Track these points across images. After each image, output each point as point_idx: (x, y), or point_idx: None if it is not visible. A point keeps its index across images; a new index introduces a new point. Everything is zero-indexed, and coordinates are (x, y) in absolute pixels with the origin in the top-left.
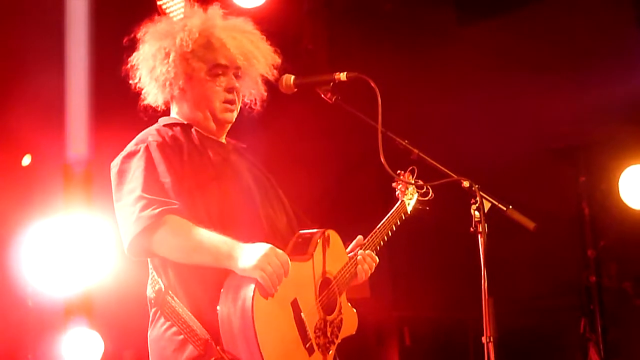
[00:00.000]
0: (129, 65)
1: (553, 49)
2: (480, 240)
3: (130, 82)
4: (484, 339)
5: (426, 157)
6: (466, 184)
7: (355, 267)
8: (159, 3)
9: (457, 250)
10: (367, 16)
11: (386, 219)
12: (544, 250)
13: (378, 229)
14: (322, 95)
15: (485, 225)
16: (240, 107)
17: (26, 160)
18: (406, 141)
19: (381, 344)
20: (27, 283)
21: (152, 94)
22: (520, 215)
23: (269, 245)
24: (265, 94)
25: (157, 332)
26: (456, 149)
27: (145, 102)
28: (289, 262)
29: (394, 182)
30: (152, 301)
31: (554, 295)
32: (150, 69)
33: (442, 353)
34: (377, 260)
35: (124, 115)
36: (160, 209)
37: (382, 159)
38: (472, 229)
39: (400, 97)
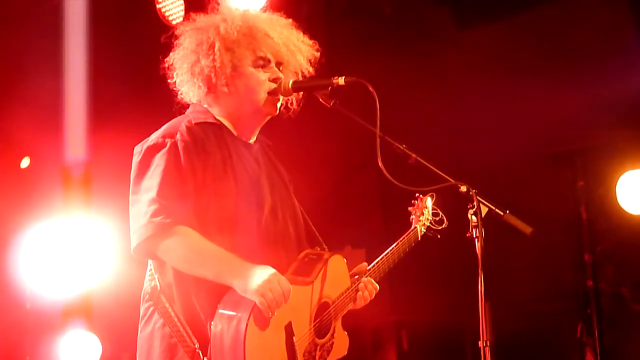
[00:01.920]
0: (166, 66)
1: (551, 53)
2: (478, 244)
3: (169, 81)
4: (480, 344)
5: (424, 162)
6: (463, 188)
7: (356, 293)
8: (158, 6)
9: (455, 255)
10: (366, 20)
11: (395, 246)
12: (542, 254)
13: (385, 255)
14: (321, 100)
15: (483, 229)
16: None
17: (25, 162)
18: (404, 145)
19: (379, 348)
20: (25, 285)
21: (193, 91)
22: (517, 220)
23: (273, 271)
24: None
25: (150, 329)
26: (454, 153)
27: (184, 100)
28: (291, 290)
29: (410, 207)
30: (147, 296)
31: (551, 300)
32: (193, 63)
33: (439, 357)
34: (378, 288)
35: (122, 118)
36: (171, 219)
37: (380, 164)
38: (469, 234)
39: (398, 101)
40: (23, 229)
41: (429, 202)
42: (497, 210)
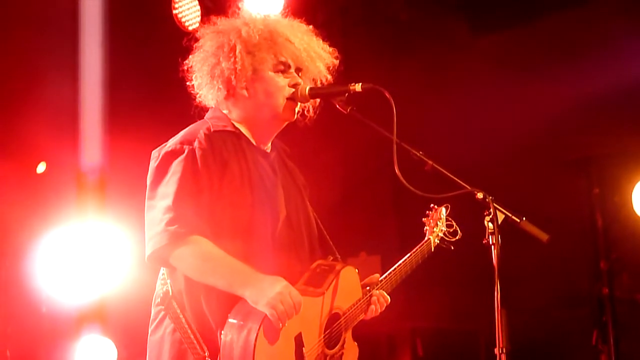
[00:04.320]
0: (185, 68)
1: (566, 60)
2: (494, 251)
3: (187, 83)
4: (496, 350)
5: (440, 168)
6: (480, 195)
7: (368, 306)
8: (174, 12)
9: (470, 261)
10: (382, 26)
11: (408, 257)
12: (557, 261)
13: (398, 266)
14: (337, 106)
15: (499, 236)
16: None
17: (41, 168)
18: (420, 152)
19: (394, 354)
20: (41, 290)
21: (212, 94)
22: (534, 227)
23: (285, 282)
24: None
25: (161, 333)
26: (469, 160)
27: (203, 103)
28: (302, 302)
29: (424, 217)
30: (158, 299)
31: (566, 307)
32: (213, 66)
33: None
34: (389, 300)
35: (138, 123)
36: (186, 229)
37: (397, 170)
38: (485, 241)
39: (413, 107)
40: (39, 234)
41: (443, 213)
42: (513, 217)
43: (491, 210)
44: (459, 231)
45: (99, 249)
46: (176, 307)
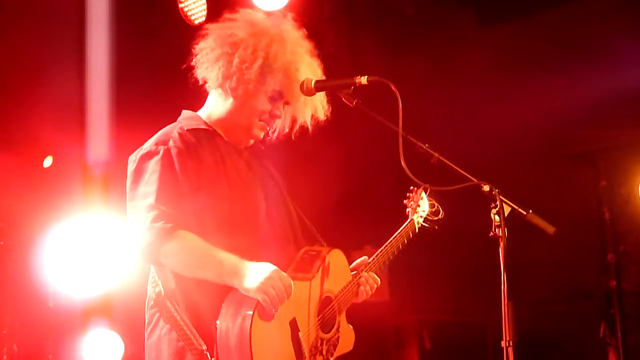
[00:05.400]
0: (208, 37)
1: (574, 52)
2: (501, 244)
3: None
4: (503, 343)
5: (446, 161)
6: (486, 188)
7: (358, 287)
8: (180, 6)
9: (477, 254)
10: (388, 20)
11: (393, 238)
12: (564, 254)
13: (384, 248)
14: (343, 99)
15: (505, 229)
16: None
17: (47, 162)
18: (427, 145)
19: (401, 347)
20: (47, 284)
21: (211, 72)
22: (540, 220)
23: (274, 267)
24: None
25: (157, 334)
26: (476, 152)
27: (200, 78)
28: (292, 286)
29: (405, 200)
30: (152, 302)
31: (573, 300)
32: (230, 53)
33: (461, 357)
34: (379, 281)
35: (144, 117)
36: (172, 224)
37: (403, 163)
38: (492, 233)
39: (419, 100)
40: (45, 228)
41: (423, 194)
42: (520, 209)
43: (497, 202)
44: (441, 210)
45: (105, 243)
46: (170, 306)
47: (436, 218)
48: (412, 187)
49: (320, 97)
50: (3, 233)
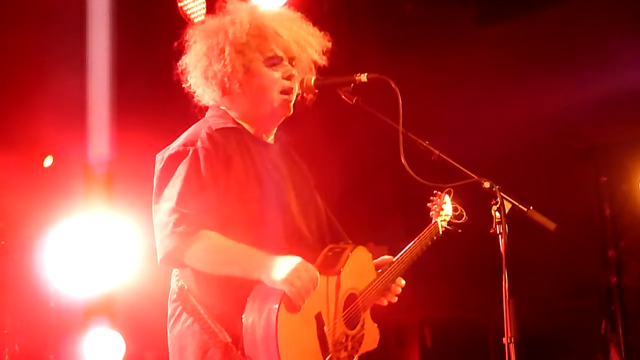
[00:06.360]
0: (179, 70)
1: (573, 49)
2: (501, 241)
3: (183, 86)
4: (504, 340)
5: (447, 158)
6: (487, 184)
7: (384, 288)
8: (180, 4)
9: (478, 251)
10: (387, 16)
11: (417, 239)
12: (565, 250)
13: (408, 249)
14: (343, 96)
15: (506, 225)
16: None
17: (48, 161)
18: (427, 142)
19: (402, 344)
20: (49, 284)
21: (209, 94)
22: (541, 216)
23: (299, 259)
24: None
25: (180, 328)
26: (476, 150)
27: (202, 103)
28: (318, 277)
29: (429, 203)
30: (175, 295)
31: (574, 296)
32: (205, 68)
33: (462, 354)
34: (404, 283)
35: (145, 117)
36: (193, 227)
37: (403, 160)
38: (492, 230)
39: (419, 97)
40: (46, 228)
41: (447, 198)
42: (520, 206)
43: (498, 199)
44: (464, 214)
45: (106, 242)
46: (193, 300)
47: (459, 221)
48: (435, 192)
49: (318, 39)
50: (3, 233)
